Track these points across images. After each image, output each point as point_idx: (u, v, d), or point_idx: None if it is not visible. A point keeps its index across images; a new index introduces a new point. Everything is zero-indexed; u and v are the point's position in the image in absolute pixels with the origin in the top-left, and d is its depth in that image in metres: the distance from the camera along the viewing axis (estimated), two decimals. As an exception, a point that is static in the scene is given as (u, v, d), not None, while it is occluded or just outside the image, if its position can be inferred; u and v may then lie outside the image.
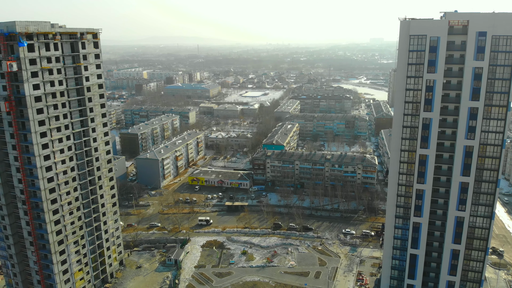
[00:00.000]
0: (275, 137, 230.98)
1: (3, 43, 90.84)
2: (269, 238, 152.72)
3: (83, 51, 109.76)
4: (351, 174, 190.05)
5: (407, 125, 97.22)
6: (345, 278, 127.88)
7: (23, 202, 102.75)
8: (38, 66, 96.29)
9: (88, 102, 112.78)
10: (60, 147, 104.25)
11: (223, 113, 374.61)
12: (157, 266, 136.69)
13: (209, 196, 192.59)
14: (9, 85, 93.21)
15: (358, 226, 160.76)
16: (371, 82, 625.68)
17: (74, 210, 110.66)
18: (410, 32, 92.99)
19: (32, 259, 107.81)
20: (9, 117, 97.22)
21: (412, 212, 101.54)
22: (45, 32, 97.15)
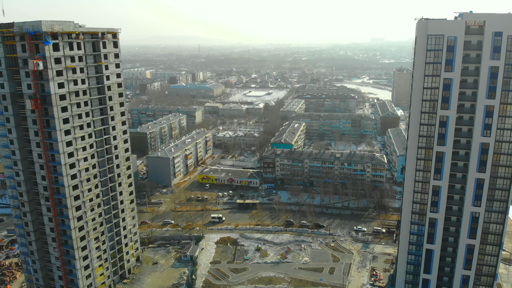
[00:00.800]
0: (283, 136, 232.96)
1: (29, 42, 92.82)
2: (282, 235, 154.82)
3: (104, 50, 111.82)
4: (360, 172, 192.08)
5: (424, 122, 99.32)
6: (359, 274, 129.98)
7: (46, 198, 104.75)
8: (63, 65, 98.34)
9: (109, 100, 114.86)
10: (82, 145, 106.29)
11: (229, 113, 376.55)
12: (173, 262, 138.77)
13: (219, 194, 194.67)
14: (35, 83, 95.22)
15: (369, 224, 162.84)
16: (374, 82, 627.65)
17: (95, 207, 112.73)
18: (428, 32, 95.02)
19: (54, 255, 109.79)
20: (33, 115, 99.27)
21: (428, 208, 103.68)
22: (69, 32, 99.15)
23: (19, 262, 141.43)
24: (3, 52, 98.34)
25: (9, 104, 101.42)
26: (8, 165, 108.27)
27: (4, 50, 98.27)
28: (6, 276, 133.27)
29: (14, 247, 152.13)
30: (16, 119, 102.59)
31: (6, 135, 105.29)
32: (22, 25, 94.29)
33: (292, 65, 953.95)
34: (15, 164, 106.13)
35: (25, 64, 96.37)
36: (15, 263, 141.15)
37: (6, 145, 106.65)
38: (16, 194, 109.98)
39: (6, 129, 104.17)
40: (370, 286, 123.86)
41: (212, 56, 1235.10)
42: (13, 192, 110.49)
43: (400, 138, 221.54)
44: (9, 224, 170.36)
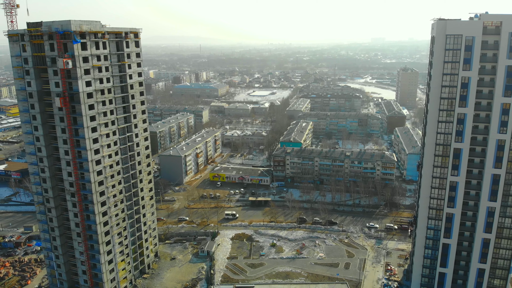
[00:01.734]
0: (292, 135, 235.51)
1: (59, 41, 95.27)
2: (296, 231, 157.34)
3: (127, 49, 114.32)
4: (370, 170, 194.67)
5: (442, 120, 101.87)
6: (374, 269, 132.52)
7: (72, 194, 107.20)
8: (90, 63, 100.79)
9: (131, 99, 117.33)
10: (107, 142, 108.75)
11: (234, 112, 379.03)
12: (190, 258, 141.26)
13: (231, 192, 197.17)
14: (64, 81, 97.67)
15: (381, 220, 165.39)
16: (377, 82, 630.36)
17: (118, 203, 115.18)
18: (446, 32, 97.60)
19: (78, 250, 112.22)
20: (61, 113, 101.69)
21: (445, 203, 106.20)
22: (95, 31, 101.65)
23: (38, 258, 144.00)
24: (31, 50, 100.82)
25: (36, 101, 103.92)
26: (33, 162, 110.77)
27: (31, 49, 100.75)
28: (27, 272, 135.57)
29: (31, 244, 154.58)
30: (43, 116, 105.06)
31: (32, 133, 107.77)
32: (51, 24, 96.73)
33: (294, 65, 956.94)
34: (41, 160, 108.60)
35: (53, 63, 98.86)
36: (34, 259, 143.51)
37: (31, 142, 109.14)
38: (40, 190, 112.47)
39: (32, 127, 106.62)
40: (386, 280, 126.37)
41: (214, 56, 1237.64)
42: (38, 189, 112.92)
43: (408, 137, 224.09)
44: (25, 221, 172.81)
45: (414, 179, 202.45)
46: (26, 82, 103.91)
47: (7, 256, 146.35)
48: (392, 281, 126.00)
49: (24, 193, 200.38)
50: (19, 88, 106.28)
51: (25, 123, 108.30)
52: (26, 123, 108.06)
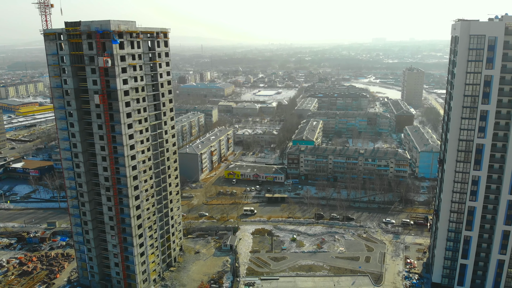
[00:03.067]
0: (304, 133, 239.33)
1: (98, 40, 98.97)
2: (314, 227, 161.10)
3: (158, 49, 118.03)
4: (384, 168, 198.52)
5: (465, 116, 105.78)
6: (394, 262, 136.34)
7: (107, 188, 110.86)
8: (126, 62, 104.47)
9: (162, 97, 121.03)
10: (140, 138, 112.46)
11: (242, 111, 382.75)
12: (214, 252, 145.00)
13: (247, 189, 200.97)
14: (102, 79, 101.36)
15: (397, 216, 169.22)
16: (381, 81, 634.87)
17: (149, 197, 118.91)
18: (470, 32, 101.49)
19: (111, 243, 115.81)
20: (98, 110, 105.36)
21: (467, 197, 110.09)
22: (131, 31, 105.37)
23: (64, 253, 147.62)
24: (68, 49, 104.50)
25: (72, 99, 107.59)
26: (67, 157, 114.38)
27: (69, 48, 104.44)
28: (54, 266, 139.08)
29: (56, 239, 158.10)
30: (79, 113, 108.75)
31: (67, 129, 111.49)
32: (90, 24, 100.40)
33: (296, 65, 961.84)
34: (76, 156, 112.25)
35: (91, 61, 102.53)
36: (61, 253, 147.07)
37: (66, 138, 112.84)
38: (74, 185, 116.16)
39: (68, 123, 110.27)
40: (406, 273, 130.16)
41: (216, 56, 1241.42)
42: (71, 183, 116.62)
43: (419, 135, 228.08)
44: (47, 218, 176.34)
45: (426, 176, 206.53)
46: (63, 80, 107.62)
47: (33, 251, 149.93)
48: (412, 274, 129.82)
49: (44, 190, 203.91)
50: (55, 85, 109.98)
51: (60, 120, 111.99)
52: (62, 120, 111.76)
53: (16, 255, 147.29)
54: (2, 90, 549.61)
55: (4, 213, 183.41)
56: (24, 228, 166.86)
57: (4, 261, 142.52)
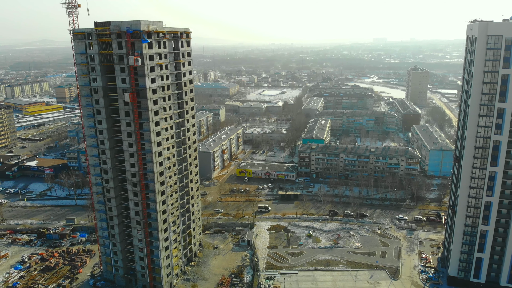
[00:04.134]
0: (314, 132, 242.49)
1: (129, 40, 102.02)
2: (329, 223, 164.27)
3: (182, 49, 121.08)
4: (394, 166, 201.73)
5: (483, 114, 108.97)
6: (409, 257, 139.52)
7: (134, 184, 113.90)
8: (154, 61, 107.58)
9: (185, 96, 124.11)
10: (166, 136, 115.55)
11: (249, 111, 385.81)
12: (232, 247, 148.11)
13: (259, 186, 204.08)
14: (132, 78, 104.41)
15: (409, 213, 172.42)
16: (384, 81, 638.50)
17: (173, 193, 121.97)
18: (488, 32, 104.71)
19: (137, 237, 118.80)
20: (126, 107, 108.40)
21: (484, 192, 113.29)
22: (158, 31, 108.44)
23: (85, 248, 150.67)
24: (97, 48, 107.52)
25: (100, 97, 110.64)
26: (94, 154, 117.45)
27: (98, 47, 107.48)
28: (76, 262, 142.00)
29: (76, 235, 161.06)
30: (107, 111, 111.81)
31: (94, 126, 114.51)
32: (120, 24, 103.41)
33: (298, 65, 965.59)
34: (103, 153, 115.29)
35: (120, 60, 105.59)
36: (82, 249, 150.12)
37: (93, 135, 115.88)
38: (100, 181, 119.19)
39: (96, 121, 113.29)
40: (422, 267, 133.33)
41: (218, 56, 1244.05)
42: (97, 180, 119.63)
43: (428, 134, 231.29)
44: (64, 215, 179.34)
45: (436, 174, 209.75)
46: (91, 78, 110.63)
47: (53, 247, 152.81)
48: (428, 268, 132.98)
49: (59, 188, 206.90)
50: (83, 84, 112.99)
51: (88, 117, 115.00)
52: (89, 118, 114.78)
53: (37, 251, 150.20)
54: (8, 90, 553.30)
55: (21, 210, 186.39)
56: (43, 225, 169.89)
57: (26, 257, 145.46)
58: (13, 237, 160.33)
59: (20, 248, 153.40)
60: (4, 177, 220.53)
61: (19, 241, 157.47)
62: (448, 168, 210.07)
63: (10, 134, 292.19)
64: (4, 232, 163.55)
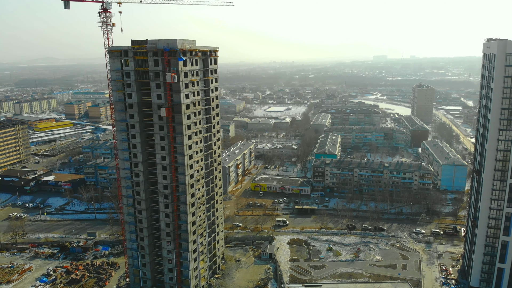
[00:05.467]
0: (326, 147, 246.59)
1: (166, 57, 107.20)
2: (348, 237, 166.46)
3: (210, 66, 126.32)
4: (408, 180, 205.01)
5: (503, 128, 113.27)
6: (430, 269, 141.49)
7: (165, 196, 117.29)
8: (188, 78, 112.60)
9: (212, 111, 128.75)
10: (196, 149, 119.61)
11: (257, 127, 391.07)
12: (254, 260, 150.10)
13: (275, 201, 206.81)
14: (169, 94, 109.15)
15: (425, 226, 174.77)
16: (388, 98, 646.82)
17: (201, 205, 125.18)
18: (506, 50, 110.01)
19: (166, 249, 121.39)
20: (160, 122, 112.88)
21: (505, 204, 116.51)
22: (192, 49, 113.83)
23: (109, 261, 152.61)
24: (134, 65, 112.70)
25: (135, 112, 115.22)
26: (126, 167, 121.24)
27: (134, 64, 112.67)
28: (102, 274, 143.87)
29: (98, 249, 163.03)
30: (141, 125, 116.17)
31: (127, 140, 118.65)
32: (156, 42, 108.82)
33: (301, 82, 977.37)
34: (135, 166, 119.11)
35: (156, 77, 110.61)
36: (106, 262, 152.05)
37: (125, 149, 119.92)
38: (131, 193, 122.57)
39: (130, 135, 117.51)
40: (443, 279, 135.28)
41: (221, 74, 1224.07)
42: (128, 192, 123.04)
43: (439, 149, 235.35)
44: (85, 228, 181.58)
45: (449, 189, 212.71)
46: (127, 94, 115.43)
47: (77, 260, 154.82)
48: (449, 279, 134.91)
49: (78, 202, 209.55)
50: (117, 99, 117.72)
51: (121, 131, 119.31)
52: (122, 132, 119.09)
53: (61, 264, 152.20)
54: (17, 106, 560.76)
55: (41, 224, 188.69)
56: (64, 239, 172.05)
57: (51, 270, 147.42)
58: (36, 250, 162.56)
59: (43, 261, 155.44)
60: (22, 191, 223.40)
61: (42, 254, 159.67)
62: (460, 182, 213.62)
63: (24, 149, 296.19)
64: (27, 246, 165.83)
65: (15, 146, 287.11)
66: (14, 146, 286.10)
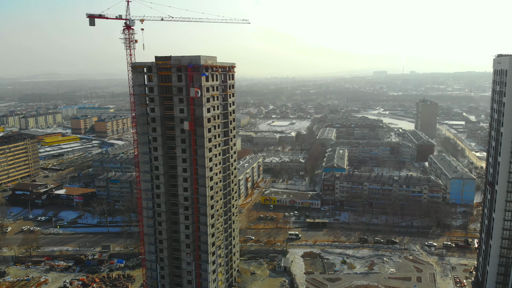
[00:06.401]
0: (335, 161, 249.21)
1: (190, 73, 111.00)
2: (361, 250, 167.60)
3: (229, 81, 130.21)
4: (418, 194, 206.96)
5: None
6: (444, 281, 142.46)
7: (185, 208, 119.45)
8: (210, 93, 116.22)
9: (230, 124, 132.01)
10: (216, 161, 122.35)
11: (263, 141, 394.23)
12: (268, 273, 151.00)
13: (286, 214, 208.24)
14: (192, 108, 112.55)
15: (437, 239, 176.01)
16: (390, 113, 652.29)
17: (219, 217, 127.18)
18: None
19: (186, 261, 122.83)
20: (182, 135, 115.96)
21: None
22: (213, 65, 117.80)
23: (125, 274, 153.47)
24: (157, 80, 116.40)
25: (158, 125, 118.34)
26: (147, 179, 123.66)
27: (158, 79, 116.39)
28: (118, 287, 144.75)
29: (113, 261, 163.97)
30: (163, 138, 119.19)
31: (149, 153, 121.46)
32: (180, 58, 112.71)
33: (303, 97, 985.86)
34: (157, 178, 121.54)
35: (179, 92, 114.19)
36: (122, 275, 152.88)
37: (147, 161, 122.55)
38: (151, 205, 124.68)
39: (152, 147, 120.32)
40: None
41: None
42: (148, 204, 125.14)
43: (446, 163, 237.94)
44: (98, 241, 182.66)
45: (458, 202, 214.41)
46: (150, 108, 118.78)
47: (93, 273, 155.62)
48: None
49: (91, 216, 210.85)
50: (140, 113, 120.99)
51: (143, 145, 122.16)
52: (144, 145, 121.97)
53: (77, 277, 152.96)
54: (23, 121, 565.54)
55: (54, 237, 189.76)
56: (78, 251, 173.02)
57: (68, 283, 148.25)
58: (51, 263, 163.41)
59: (59, 274, 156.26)
60: (33, 205, 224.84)
61: (58, 267, 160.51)
62: (469, 196, 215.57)
63: (34, 163, 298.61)
64: (41, 259, 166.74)
65: (24, 160, 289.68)
66: (24, 160, 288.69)
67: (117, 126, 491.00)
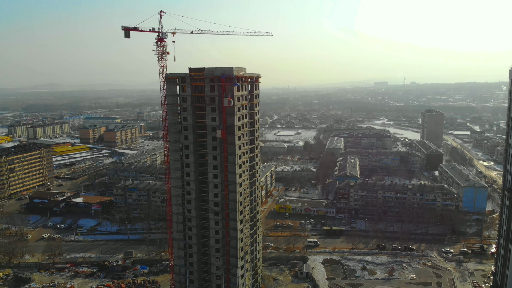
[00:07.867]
0: (347, 170, 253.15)
1: (223, 84, 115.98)
2: (380, 257, 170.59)
3: (255, 91, 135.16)
4: (431, 202, 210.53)
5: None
6: (464, 286, 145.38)
7: (216, 213, 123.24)
8: (240, 102, 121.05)
9: (255, 132, 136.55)
10: (244, 168, 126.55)
11: (272, 150, 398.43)
12: (291, 279, 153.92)
13: (303, 222, 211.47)
14: (224, 117, 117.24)
15: (453, 246, 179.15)
16: (395, 123, 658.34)
17: (247, 223, 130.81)
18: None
19: (215, 265, 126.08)
20: (214, 143, 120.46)
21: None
22: (243, 76, 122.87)
23: (150, 280, 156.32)
24: (190, 91, 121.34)
25: (190, 133, 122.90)
26: (177, 185, 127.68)
27: (191, 90, 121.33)
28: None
29: (137, 268, 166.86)
30: (194, 146, 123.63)
31: (180, 160, 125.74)
32: (213, 70, 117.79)
33: (306, 108, 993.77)
34: (188, 184, 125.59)
35: (212, 101, 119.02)
36: (147, 280, 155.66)
37: (178, 168, 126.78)
38: (181, 210, 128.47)
39: (184, 155, 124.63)
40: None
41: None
42: (179, 209, 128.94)
43: (458, 172, 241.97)
44: (119, 248, 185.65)
45: (470, 210, 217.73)
46: (182, 117, 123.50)
47: (118, 279, 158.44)
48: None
49: (110, 223, 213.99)
50: (172, 122, 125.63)
51: (174, 152, 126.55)
52: (175, 152, 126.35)
53: (102, 283, 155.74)
54: (30, 131, 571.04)
55: (75, 244, 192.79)
56: (101, 258, 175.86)
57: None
58: (75, 270, 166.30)
59: (84, 280, 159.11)
60: (52, 213, 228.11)
61: (82, 273, 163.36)
62: (481, 204, 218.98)
63: (48, 172, 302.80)
64: (65, 265, 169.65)
65: (39, 169, 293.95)
66: (39, 169, 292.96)
67: (126, 136, 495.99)
